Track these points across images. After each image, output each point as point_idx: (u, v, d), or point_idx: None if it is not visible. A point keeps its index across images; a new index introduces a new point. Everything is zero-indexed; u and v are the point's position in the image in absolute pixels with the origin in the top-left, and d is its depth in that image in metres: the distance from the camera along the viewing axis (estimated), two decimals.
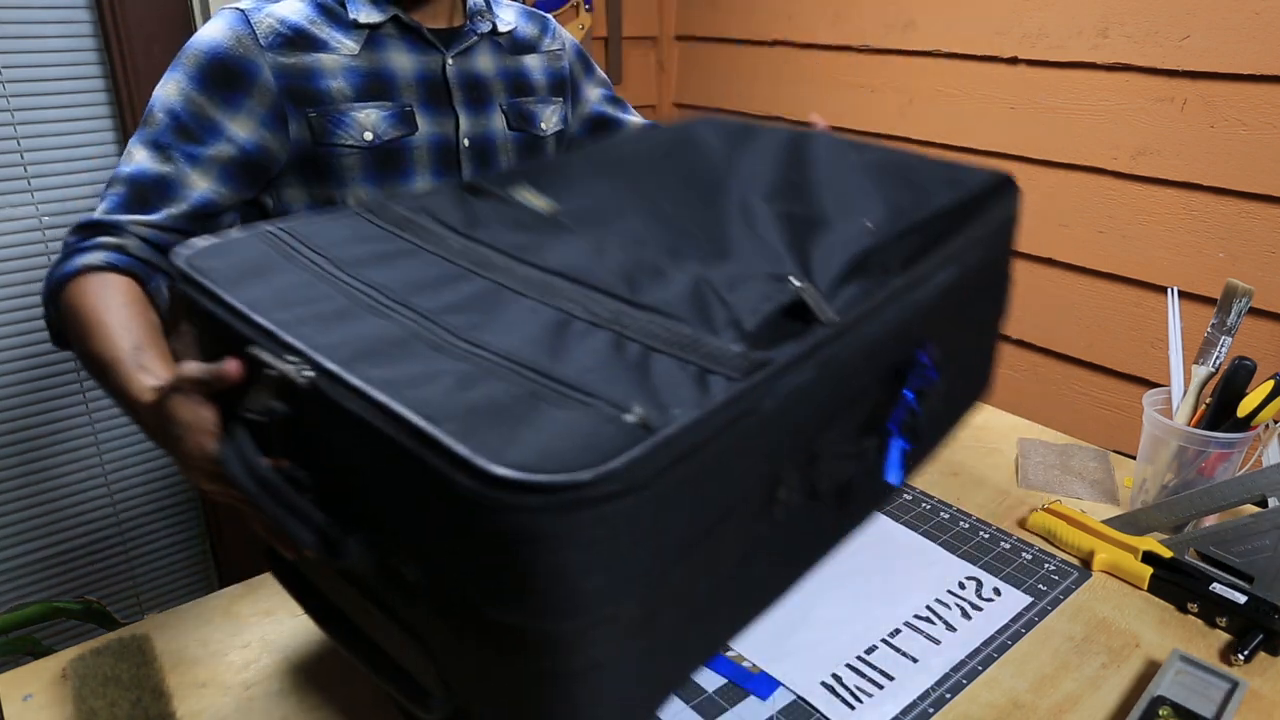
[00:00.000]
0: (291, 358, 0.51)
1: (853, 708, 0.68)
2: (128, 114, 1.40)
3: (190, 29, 1.42)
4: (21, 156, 1.37)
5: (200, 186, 0.90)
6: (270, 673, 0.73)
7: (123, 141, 1.44)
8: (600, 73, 1.21)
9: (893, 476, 0.64)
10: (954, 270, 0.68)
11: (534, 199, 0.74)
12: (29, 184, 1.38)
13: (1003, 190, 0.77)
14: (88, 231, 0.87)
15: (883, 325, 0.60)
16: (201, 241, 0.64)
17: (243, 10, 0.92)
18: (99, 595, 1.60)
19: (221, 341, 0.57)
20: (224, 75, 0.90)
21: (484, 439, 0.43)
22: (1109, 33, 1.33)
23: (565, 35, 1.16)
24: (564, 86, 1.14)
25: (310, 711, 0.69)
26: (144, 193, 0.90)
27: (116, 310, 0.79)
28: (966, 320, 0.74)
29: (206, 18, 1.41)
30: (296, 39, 0.92)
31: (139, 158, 0.90)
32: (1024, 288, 1.53)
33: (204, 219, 0.92)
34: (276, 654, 0.74)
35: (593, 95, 1.18)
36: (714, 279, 0.59)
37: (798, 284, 0.57)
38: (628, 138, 0.96)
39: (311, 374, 0.49)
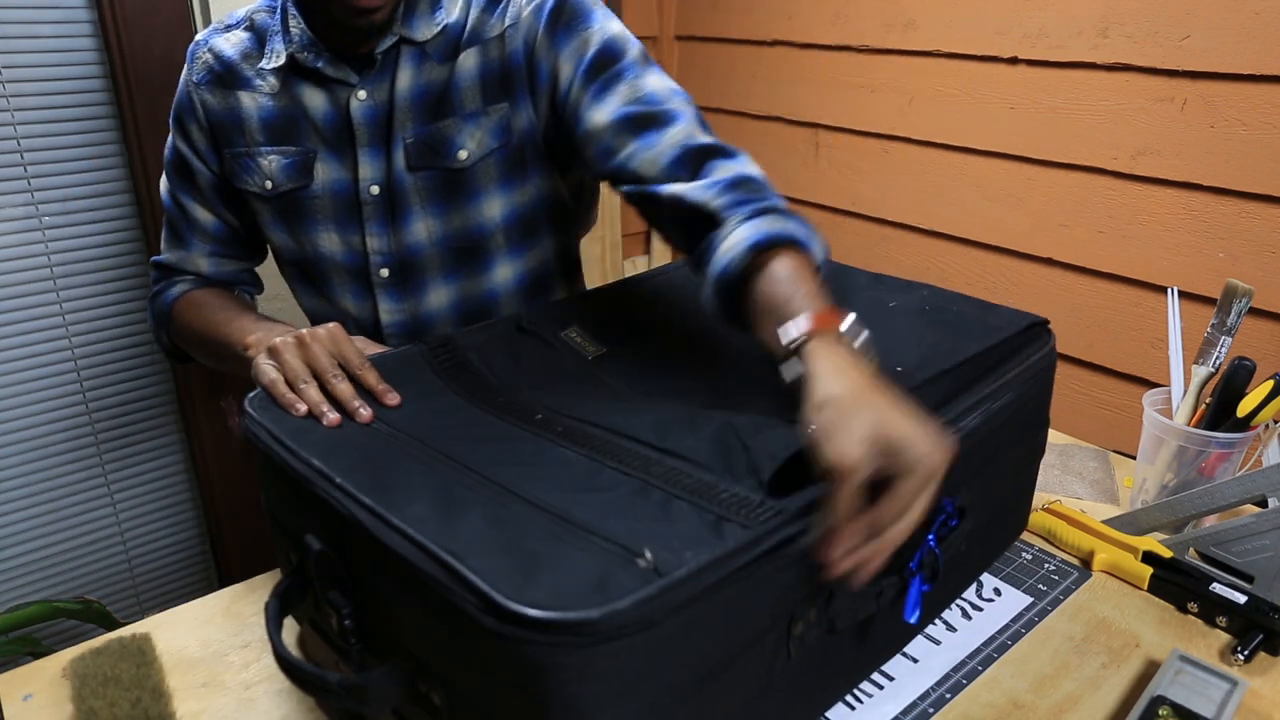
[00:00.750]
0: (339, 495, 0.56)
1: (853, 708, 0.68)
2: (128, 114, 1.40)
3: (190, 29, 1.42)
4: (21, 157, 1.37)
5: (207, 218, 0.97)
6: (270, 673, 0.73)
7: (123, 141, 1.44)
8: (597, 26, 0.84)
9: (911, 616, 0.65)
10: (980, 415, 0.70)
11: (581, 341, 0.78)
12: (29, 184, 1.38)
13: (1035, 334, 0.80)
14: (163, 270, 1.00)
15: None
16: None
17: (197, 41, 0.93)
18: (99, 595, 1.60)
19: (281, 474, 0.63)
20: (178, 111, 0.94)
21: (505, 577, 0.47)
22: (1109, 33, 1.33)
23: (526, 3, 0.85)
24: (513, 80, 0.86)
25: (310, 711, 0.69)
26: (174, 229, 0.99)
27: (223, 297, 0.97)
28: (996, 463, 0.75)
29: (206, 18, 1.41)
30: (224, 75, 0.91)
31: (163, 193, 0.98)
32: (1024, 288, 1.53)
33: (236, 241, 0.99)
34: None
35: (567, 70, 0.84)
36: (739, 424, 0.61)
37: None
38: (670, 269, 0.96)
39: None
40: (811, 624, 0.59)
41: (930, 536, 0.66)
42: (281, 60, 0.87)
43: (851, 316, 0.61)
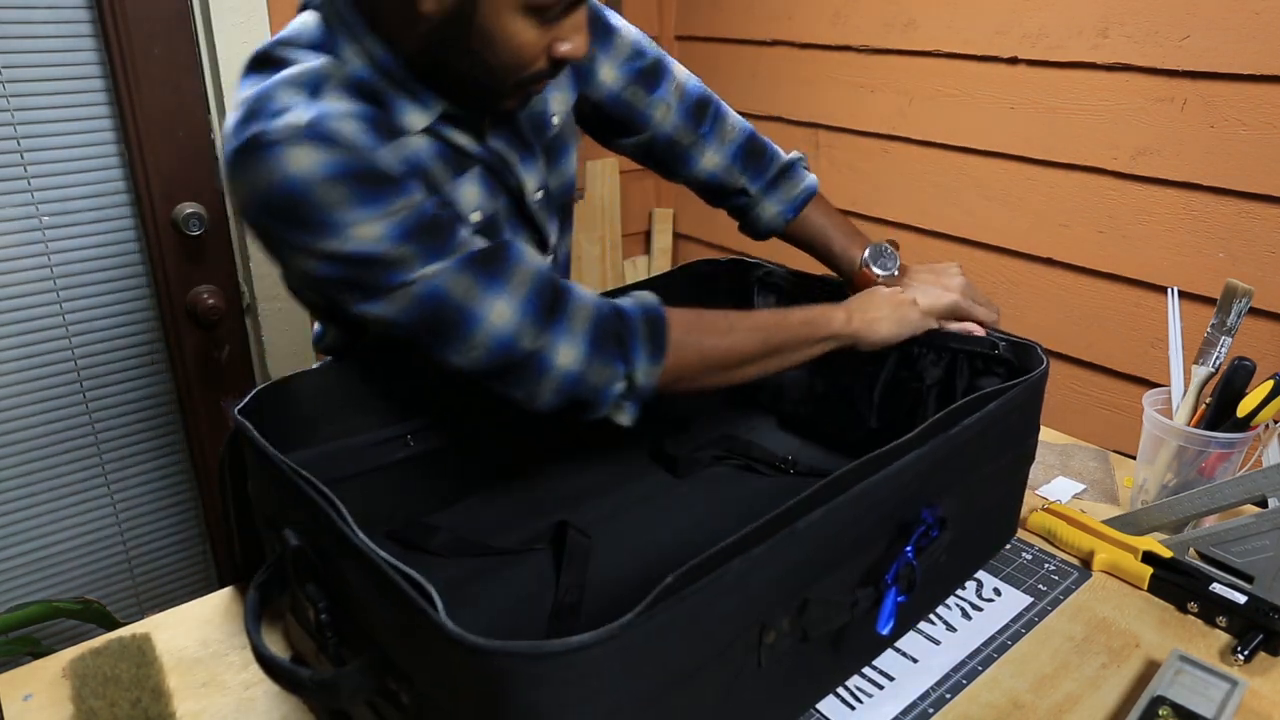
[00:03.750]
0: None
1: (853, 708, 0.68)
2: (128, 114, 1.40)
3: (190, 29, 1.42)
4: (21, 157, 1.37)
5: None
6: None
7: (122, 141, 1.44)
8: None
9: (884, 627, 0.65)
10: (963, 430, 0.70)
11: None
12: (29, 184, 1.38)
13: (1023, 356, 0.83)
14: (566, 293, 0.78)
15: (879, 483, 0.63)
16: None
17: (311, 123, 0.70)
18: (99, 595, 1.60)
19: (265, 468, 0.65)
20: (372, 181, 0.73)
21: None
22: (1109, 33, 1.33)
23: None
24: None
25: (310, 712, 0.69)
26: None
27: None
28: (980, 471, 0.76)
29: (207, 18, 1.41)
30: (382, 127, 0.78)
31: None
32: (1024, 288, 1.53)
33: None
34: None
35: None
36: None
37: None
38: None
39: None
40: (784, 633, 0.59)
41: (908, 548, 0.66)
42: (430, 120, 0.77)
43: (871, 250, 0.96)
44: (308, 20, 0.76)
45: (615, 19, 0.95)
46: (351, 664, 0.54)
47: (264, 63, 0.73)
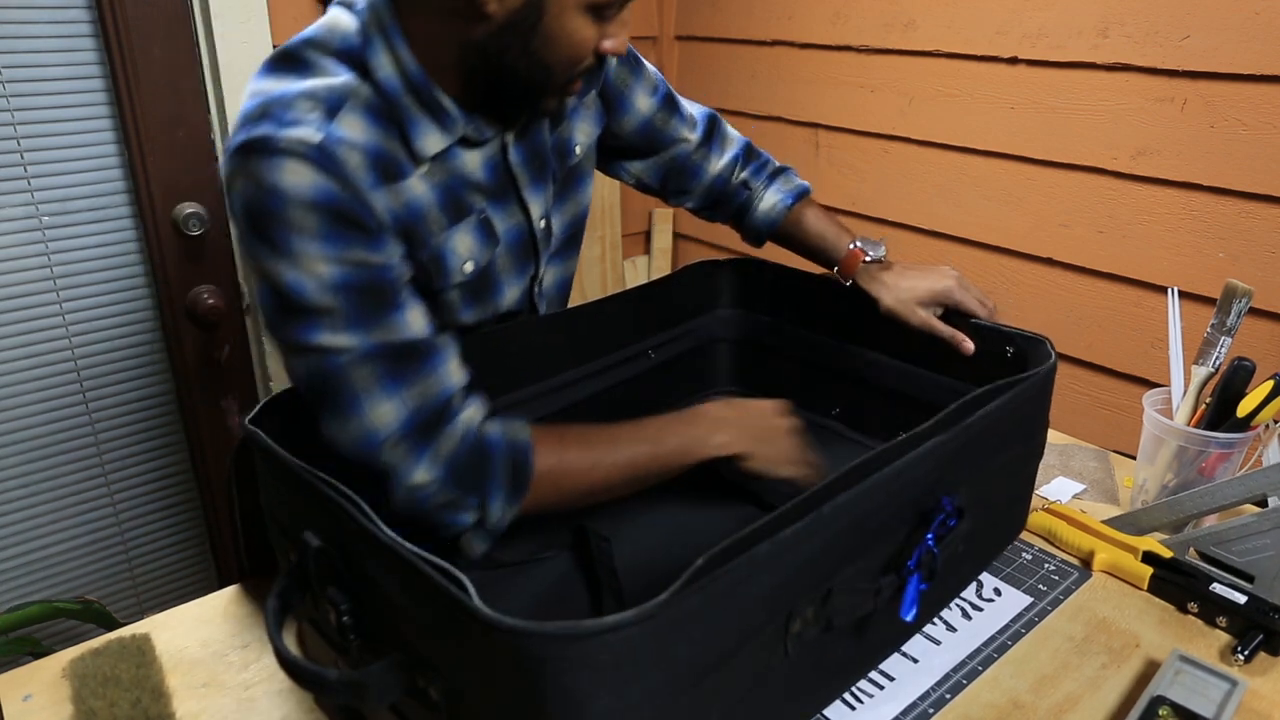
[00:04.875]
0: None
1: (853, 708, 0.68)
2: (127, 114, 1.40)
3: (190, 29, 1.42)
4: (21, 157, 1.37)
5: (426, 324, 0.75)
6: (270, 673, 0.73)
7: (122, 141, 1.44)
8: None
9: (908, 614, 0.66)
10: (978, 419, 0.70)
11: None
12: (29, 184, 1.38)
13: (1034, 349, 0.84)
14: (432, 427, 0.74)
15: (902, 468, 0.64)
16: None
17: (318, 145, 0.68)
18: (99, 595, 1.60)
19: (283, 475, 0.65)
20: (345, 225, 0.69)
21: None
22: (1109, 33, 1.33)
23: None
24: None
25: (310, 712, 0.69)
26: (406, 362, 0.73)
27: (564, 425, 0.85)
28: (994, 463, 0.76)
29: (207, 18, 1.40)
30: (387, 169, 0.73)
31: (351, 346, 0.70)
32: (1025, 288, 1.53)
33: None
34: None
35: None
36: None
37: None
38: None
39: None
40: (809, 622, 0.59)
41: (929, 535, 0.66)
42: (446, 144, 0.76)
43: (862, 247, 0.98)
44: (340, 20, 0.74)
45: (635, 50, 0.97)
46: (379, 662, 0.54)
47: (288, 60, 0.72)
